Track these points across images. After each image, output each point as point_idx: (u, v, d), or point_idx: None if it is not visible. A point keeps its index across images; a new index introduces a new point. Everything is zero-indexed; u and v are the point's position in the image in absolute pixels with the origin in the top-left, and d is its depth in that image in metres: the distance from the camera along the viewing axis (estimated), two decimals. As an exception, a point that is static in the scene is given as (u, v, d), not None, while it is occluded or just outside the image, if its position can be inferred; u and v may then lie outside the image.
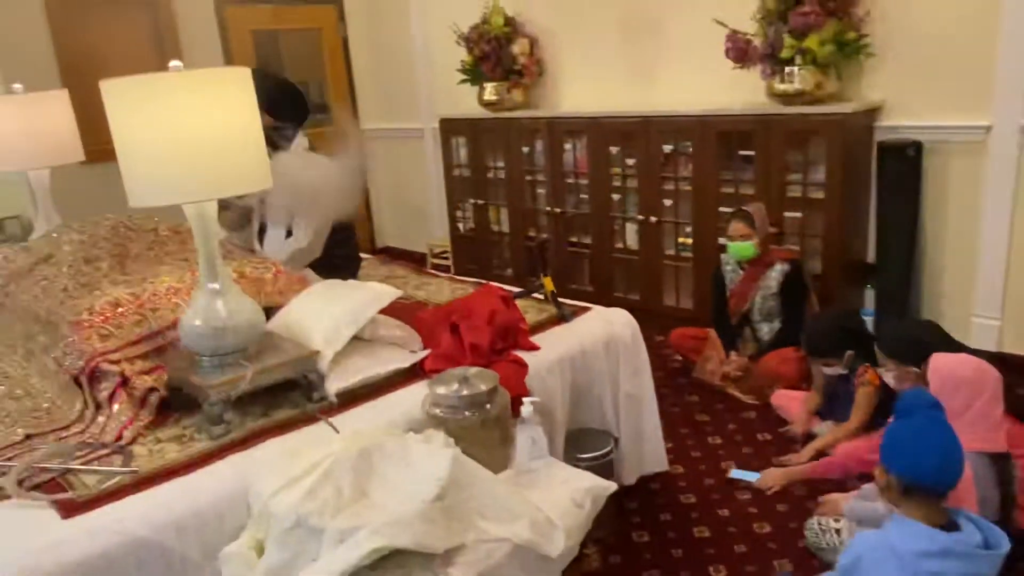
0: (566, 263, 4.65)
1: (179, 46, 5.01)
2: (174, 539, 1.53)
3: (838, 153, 3.30)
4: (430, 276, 3.06)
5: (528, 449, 1.78)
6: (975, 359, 1.97)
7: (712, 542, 2.35)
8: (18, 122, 2.96)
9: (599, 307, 2.58)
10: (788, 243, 3.59)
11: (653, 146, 3.99)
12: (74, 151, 3.13)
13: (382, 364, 2.05)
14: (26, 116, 2.98)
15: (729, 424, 3.08)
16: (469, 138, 4.99)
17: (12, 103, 3.01)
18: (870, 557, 1.62)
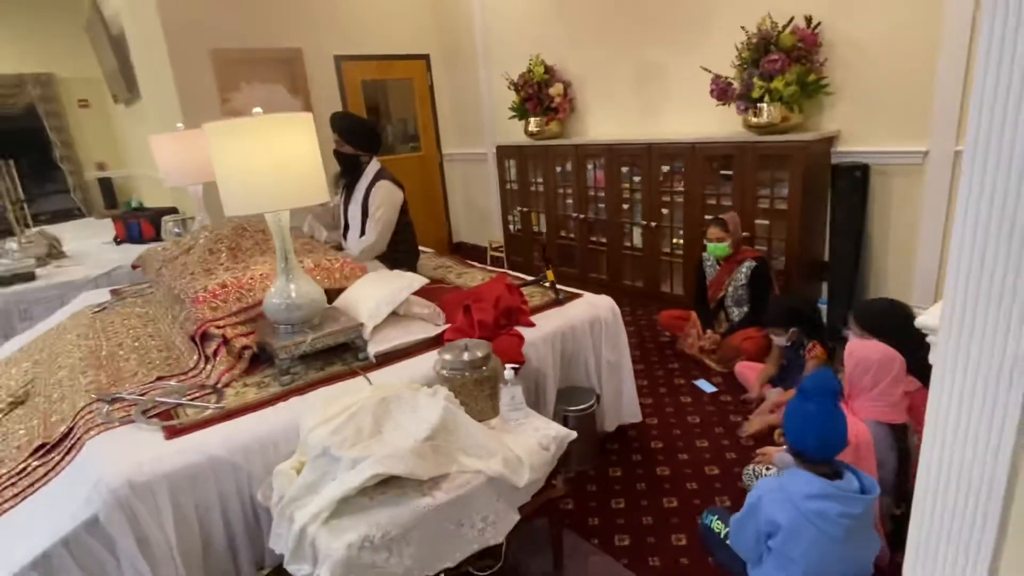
0: (588, 257, 4.57)
1: (308, 93, 5.14)
2: (242, 458, 1.59)
3: (800, 173, 3.09)
4: (469, 267, 3.05)
5: (509, 403, 1.76)
6: (884, 347, 1.82)
7: (670, 479, 2.28)
8: (178, 151, 3.11)
9: (589, 294, 2.52)
10: (758, 244, 3.40)
11: (654, 167, 3.84)
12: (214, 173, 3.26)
13: (411, 334, 2.07)
14: (185, 147, 3.12)
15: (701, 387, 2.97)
16: (517, 160, 4.93)
17: (176, 138, 3.17)
18: (768, 497, 1.53)
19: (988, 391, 0.82)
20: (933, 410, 0.88)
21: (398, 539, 1.41)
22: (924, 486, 0.92)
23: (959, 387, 0.85)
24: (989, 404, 0.82)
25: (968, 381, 0.84)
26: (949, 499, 0.89)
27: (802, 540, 1.47)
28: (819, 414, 1.48)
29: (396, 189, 2.78)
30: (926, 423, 0.90)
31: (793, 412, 1.53)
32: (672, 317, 3.43)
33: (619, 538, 1.99)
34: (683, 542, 1.95)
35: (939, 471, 0.90)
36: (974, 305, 0.82)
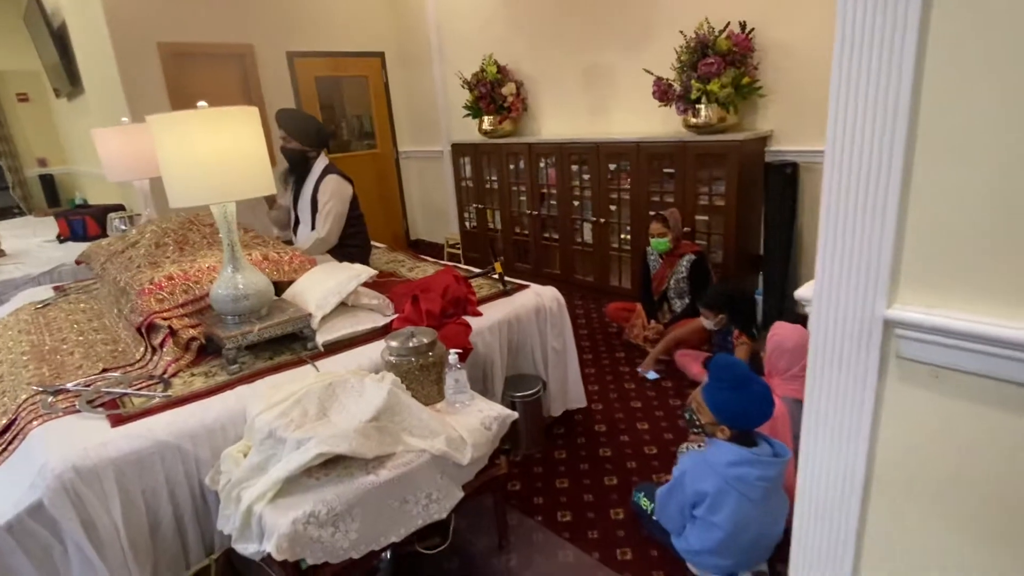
0: (542, 253, 4.68)
1: (260, 89, 5.09)
2: (189, 443, 1.62)
3: (735, 171, 3.27)
4: (421, 261, 3.11)
5: (453, 387, 1.84)
6: (801, 333, 1.97)
7: (611, 459, 2.40)
8: (123, 146, 3.07)
9: (535, 285, 2.61)
10: (698, 239, 3.57)
11: (603, 165, 3.98)
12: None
13: (360, 324, 2.13)
14: (130, 142, 3.08)
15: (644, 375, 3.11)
16: (472, 158, 5.01)
17: (120, 132, 3.12)
18: (693, 471, 1.66)
19: (854, 344, 0.95)
20: (813, 361, 1.01)
21: (343, 515, 1.47)
22: (808, 421, 1.04)
23: (832, 343, 0.97)
24: (855, 355, 0.95)
25: (839, 337, 0.96)
26: (829, 429, 1.02)
27: (725, 505, 1.60)
28: (752, 399, 1.60)
29: (345, 183, 2.82)
30: (807, 374, 1.02)
31: (728, 400, 1.63)
32: (619, 309, 3.57)
33: (561, 514, 2.10)
34: (620, 516, 2.07)
35: (819, 405, 1.02)
36: (839, 279, 0.94)
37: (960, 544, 0.92)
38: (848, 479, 1.00)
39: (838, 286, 0.94)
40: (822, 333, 0.98)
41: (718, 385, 1.66)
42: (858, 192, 0.89)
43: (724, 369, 1.65)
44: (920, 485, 0.94)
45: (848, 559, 1.03)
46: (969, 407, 0.86)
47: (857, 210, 0.90)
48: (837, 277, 0.94)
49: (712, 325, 2.81)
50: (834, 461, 1.01)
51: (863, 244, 0.90)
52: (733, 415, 1.63)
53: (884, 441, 0.96)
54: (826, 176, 0.92)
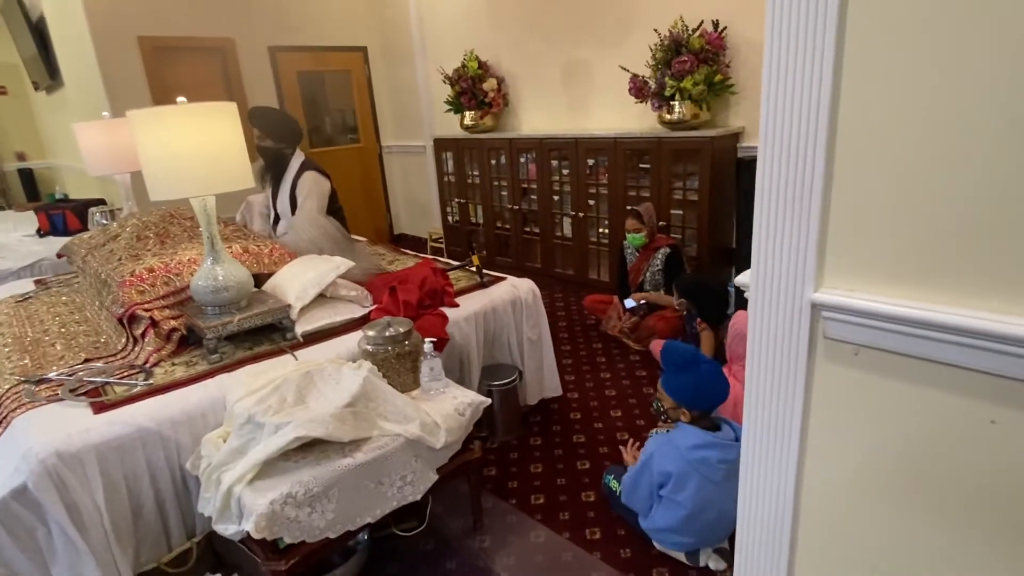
0: (523, 247, 4.75)
1: (242, 83, 5.10)
2: (170, 429, 1.68)
3: (708, 167, 3.36)
4: (401, 254, 3.17)
5: (428, 374, 1.90)
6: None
7: (584, 445, 2.48)
8: (104, 139, 3.09)
9: (512, 277, 2.68)
10: (673, 233, 3.66)
11: (581, 160, 4.05)
12: (143, 162, 3.26)
13: (338, 315, 2.18)
14: (111, 136, 3.10)
15: (619, 364, 3.20)
16: (454, 153, 5.06)
17: (101, 126, 3.14)
18: (659, 452, 1.74)
19: (787, 326, 1.03)
20: (752, 342, 1.08)
21: (320, 496, 1.53)
22: (749, 397, 1.12)
23: (768, 325, 1.05)
24: (788, 336, 1.03)
25: (773, 320, 1.04)
26: (766, 404, 1.10)
27: (688, 486, 1.69)
28: (707, 379, 1.69)
29: (322, 178, 2.86)
30: (748, 349, 1.10)
31: (686, 384, 1.72)
32: (596, 301, 3.65)
33: (535, 498, 2.17)
34: (591, 498, 2.15)
35: (758, 382, 1.10)
36: (772, 266, 1.02)
37: (882, 506, 1.01)
38: (784, 449, 1.08)
39: (771, 273, 1.02)
40: (759, 316, 1.06)
41: (668, 369, 1.75)
42: (786, 183, 0.97)
43: (670, 353, 1.74)
44: (847, 453, 1.02)
45: (787, 522, 1.11)
46: (885, 382, 0.95)
47: (786, 201, 0.97)
48: (770, 264, 1.02)
49: (676, 304, 2.91)
50: (771, 434, 1.09)
51: (792, 233, 0.98)
52: (687, 396, 1.72)
53: (815, 413, 1.04)
54: (759, 168, 1.00)
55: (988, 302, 0.83)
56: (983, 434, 0.86)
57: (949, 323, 0.84)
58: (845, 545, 1.07)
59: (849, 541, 1.07)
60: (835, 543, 1.09)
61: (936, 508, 0.95)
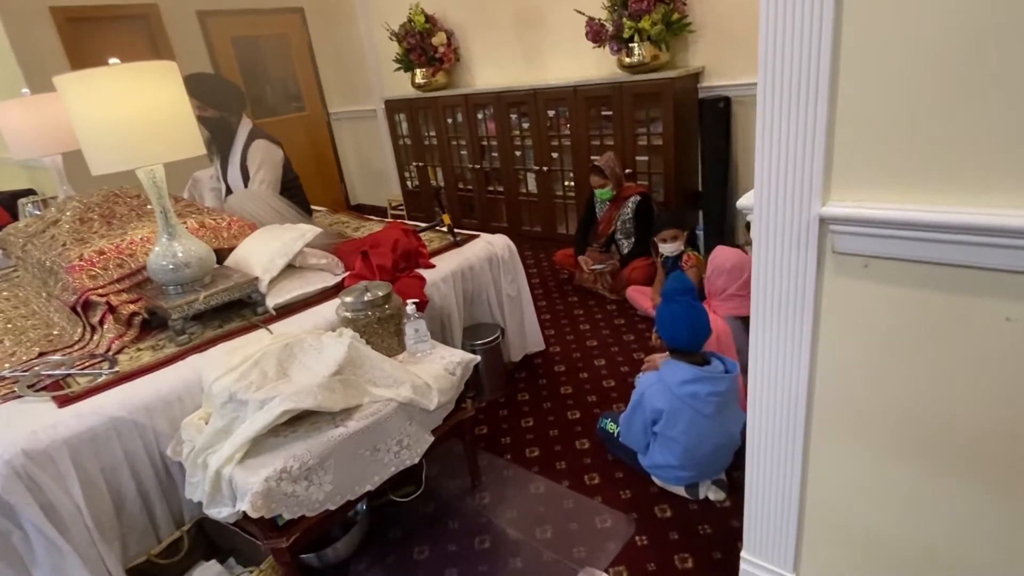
0: (488, 207, 4.67)
1: (172, 53, 4.75)
2: (145, 417, 1.58)
3: (671, 109, 3.33)
4: (365, 220, 3.05)
5: (413, 336, 1.84)
6: (738, 254, 2.07)
7: (572, 396, 2.48)
8: (27, 119, 2.83)
9: (485, 234, 2.62)
10: (639, 180, 3.64)
11: (541, 112, 3.96)
12: (75, 140, 3.01)
13: (310, 285, 2.09)
14: (34, 114, 2.84)
15: (597, 315, 3.20)
16: (408, 114, 4.89)
17: (22, 104, 2.87)
18: (649, 391, 1.74)
19: (793, 244, 1.01)
20: (758, 264, 1.07)
21: (315, 468, 1.48)
22: (756, 321, 1.11)
23: (774, 245, 1.03)
24: (795, 254, 1.01)
25: (779, 239, 1.02)
26: (775, 326, 1.09)
27: (680, 420, 1.70)
28: (683, 312, 1.69)
29: (274, 147, 2.70)
30: (752, 271, 1.08)
31: (662, 315, 1.73)
32: (567, 256, 3.63)
33: (529, 451, 2.17)
34: (586, 446, 2.16)
35: (765, 305, 1.09)
36: (777, 184, 0.99)
37: (896, 416, 1.02)
38: (794, 367, 1.08)
39: (776, 191, 0.99)
40: (764, 238, 1.04)
41: (663, 300, 1.75)
42: (791, 96, 0.93)
43: (667, 283, 1.73)
44: (859, 368, 1.03)
45: (798, 442, 1.12)
46: (896, 291, 0.94)
47: (790, 115, 0.94)
48: (775, 182, 0.99)
49: (673, 249, 2.90)
50: (782, 353, 1.09)
51: (797, 148, 0.95)
52: (665, 327, 1.73)
53: (825, 330, 1.04)
54: (760, 83, 0.96)
55: (1000, 198, 0.82)
56: (998, 331, 0.87)
57: (961, 223, 0.83)
58: (858, 463, 1.09)
59: (862, 459, 1.08)
60: (847, 462, 1.10)
61: (952, 416, 0.96)
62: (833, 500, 1.15)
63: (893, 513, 1.08)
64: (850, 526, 1.15)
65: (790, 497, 1.18)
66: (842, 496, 1.13)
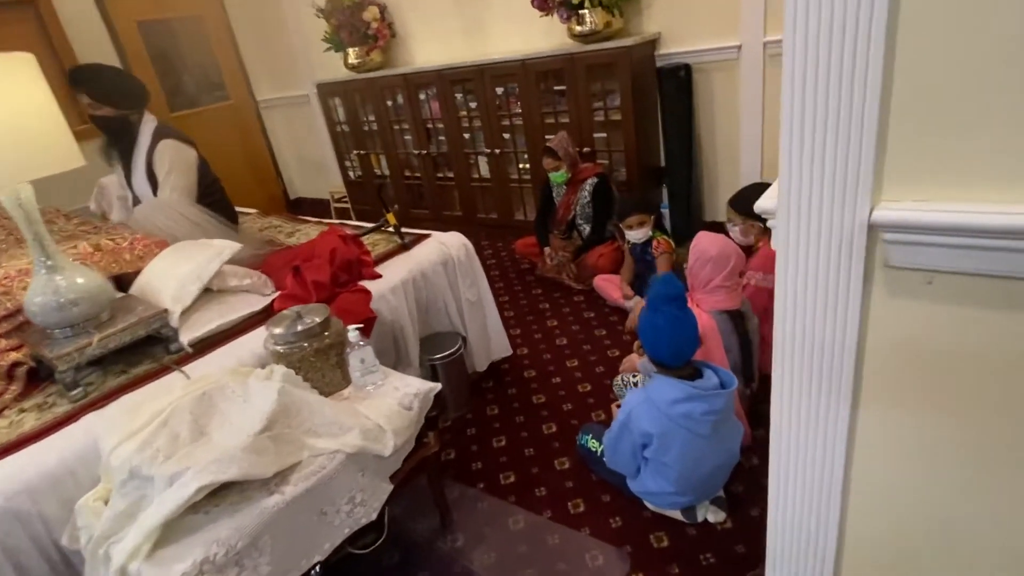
0: (438, 195, 4.36)
1: (68, 44, 4.21)
2: (28, 503, 1.28)
3: (628, 80, 3.09)
4: (301, 222, 2.72)
5: (359, 368, 1.57)
6: (724, 242, 1.87)
7: (547, 406, 2.26)
8: None
9: (437, 233, 2.35)
10: (599, 158, 3.41)
11: (489, 90, 3.66)
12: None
13: (233, 312, 1.78)
14: None
15: (564, 308, 2.98)
16: (343, 98, 4.50)
17: None
18: (637, 410, 1.54)
19: (830, 259, 0.79)
20: (781, 287, 0.85)
21: (248, 550, 1.21)
22: (779, 349, 0.90)
23: (804, 263, 0.81)
24: (833, 271, 0.79)
25: (810, 254, 0.80)
26: (802, 355, 0.88)
27: (674, 444, 1.50)
28: (668, 325, 1.47)
29: (185, 146, 2.33)
30: (776, 297, 0.86)
31: (645, 326, 1.52)
32: (528, 245, 3.39)
33: (504, 476, 1.95)
34: (566, 465, 1.94)
35: (792, 333, 0.87)
36: (809, 182, 0.76)
37: (970, 487, 0.82)
38: (828, 424, 0.87)
39: (808, 191, 0.77)
40: (791, 250, 0.81)
41: (647, 306, 1.53)
42: (828, 69, 0.70)
43: (654, 284, 1.51)
44: (917, 417, 0.82)
45: (832, 524, 0.92)
46: (969, 313, 0.74)
47: (827, 94, 0.71)
48: (807, 181, 0.76)
49: (641, 235, 2.69)
50: (814, 402, 0.88)
51: (838, 135, 0.72)
52: (647, 339, 1.52)
53: (871, 368, 0.83)
54: (787, 44, 0.72)
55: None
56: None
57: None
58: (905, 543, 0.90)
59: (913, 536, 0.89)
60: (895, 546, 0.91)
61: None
62: None
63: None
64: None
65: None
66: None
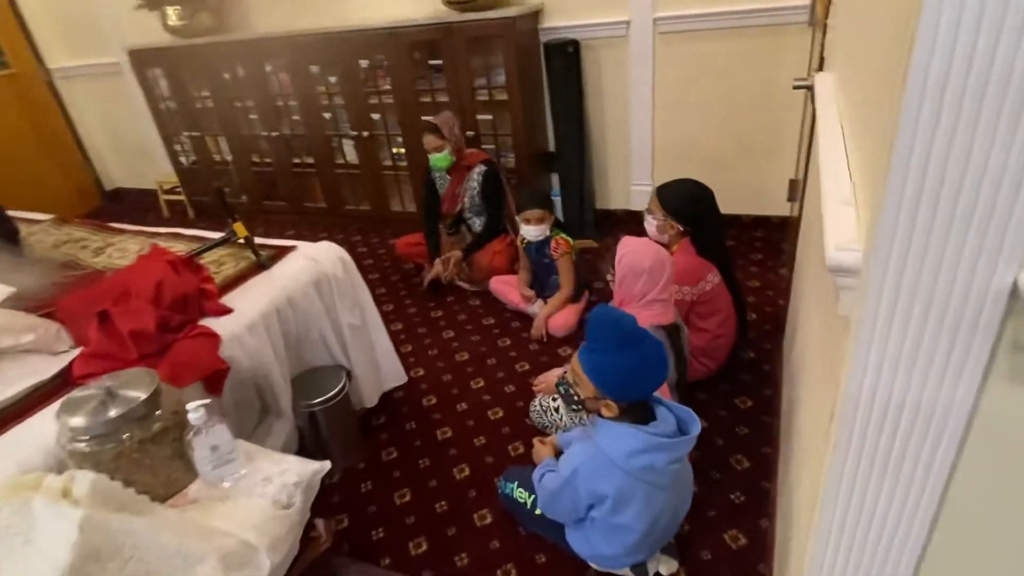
0: (296, 184, 3.77)
1: None
2: None
3: (513, 56, 2.78)
4: (115, 233, 2.10)
5: (209, 458, 1.13)
6: (655, 250, 1.65)
7: (454, 442, 1.93)
8: None
9: (304, 244, 1.89)
10: (484, 144, 3.09)
11: (351, 62, 3.15)
12: None
13: (9, 385, 1.23)
14: None
15: (460, 315, 2.65)
16: (166, 68, 3.69)
17: None
18: (586, 469, 1.26)
19: (944, 338, 0.54)
20: (863, 347, 0.59)
21: None
22: (844, 444, 0.65)
23: (901, 329, 0.56)
24: (943, 350, 0.55)
25: (912, 328, 0.55)
26: (884, 442, 0.64)
27: (634, 502, 1.25)
28: (640, 364, 1.21)
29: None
30: (846, 381, 0.61)
31: (606, 367, 1.22)
32: (411, 244, 2.98)
33: (415, 544, 1.60)
34: (488, 520, 1.64)
35: (869, 414, 0.63)
36: (925, 240, 0.50)
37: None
38: (913, 495, 0.64)
39: (923, 249, 0.51)
40: (884, 312, 0.55)
41: (599, 345, 1.25)
42: (979, 106, 0.43)
43: (606, 325, 1.23)
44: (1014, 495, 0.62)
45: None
46: None
47: (976, 131, 0.44)
48: (923, 235, 0.50)
49: (537, 233, 2.42)
50: (892, 470, 0.64)
51: (981, 185, 0.46)
52: (619, 383, 1.25)
53: (968, 474, 0.60)
54: (918, 54, 0.44)
55: None
56: None
57: None
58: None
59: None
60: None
61: None
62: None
63: None
64: None
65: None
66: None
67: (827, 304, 0.90)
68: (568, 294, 2.45)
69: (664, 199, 1.91)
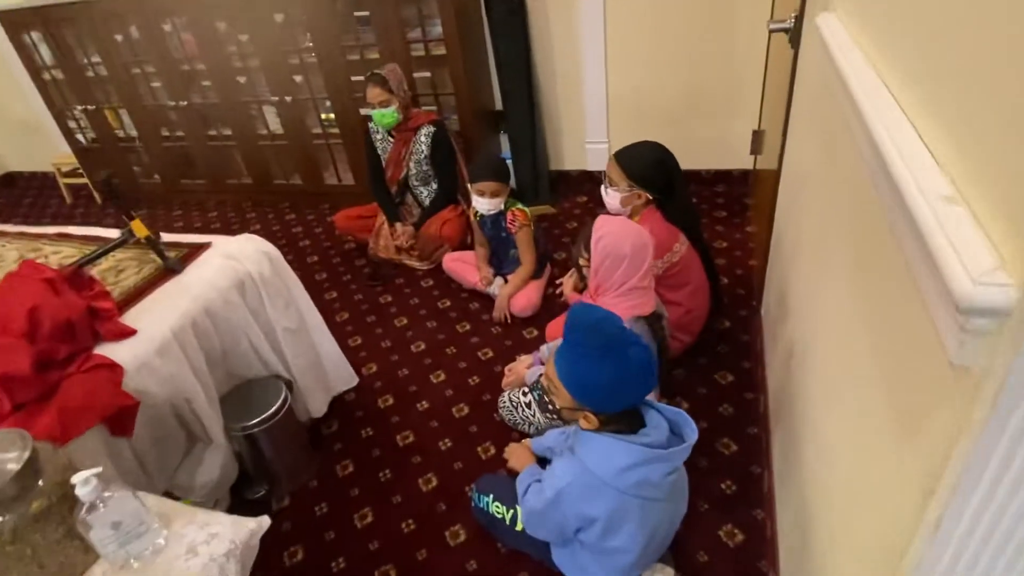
0: (214, 158, 3.37)
1: None
2: None
3: (451, 5, 2.47)
4: (-12, 238, 1.75)
5: (111, 538, 0.89)
6: (635, 229, 1.46)
7: (417, 447, 1.74)
8: None
9: (220, 239, 1.61)
10: (424, 104, 2.79)
11: (262, 18, 2.76)
12: None
13: None
14: None
15: (412, 299, 2.42)
16: (45, 32, 3.17)
17: None
18: (571, 490, 1.10)
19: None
20: (1003, 413, 0.42)
21: None
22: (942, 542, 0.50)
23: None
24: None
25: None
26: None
27: (628, 522, 1.10)
28: (627, 371, 1.03)
29: None
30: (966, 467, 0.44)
31: (589, 381, 1.05)
32: (351, 218, 2.71)
33: (381, 574, 1.42)
34: (462, 537, 1.48)
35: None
36: None
37: None
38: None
39: None
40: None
41: (576, 350, 1.07)
42: None
43: (587, 330, 1.05)
44: None
45: None
46: None
47: None
48: None
49: (491, 206, 2.18)
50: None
51: None
52: (602, 398, 1.08)
53: None
54: None
55: None
56: None
57: None
58: None
59: None
60: None
61: None
62: None
63: None
64: None
65: None
66: None
67: (893, 319, 0.73)
68: (530, 270, 2.25)
69: (628, 167, 1.71)
